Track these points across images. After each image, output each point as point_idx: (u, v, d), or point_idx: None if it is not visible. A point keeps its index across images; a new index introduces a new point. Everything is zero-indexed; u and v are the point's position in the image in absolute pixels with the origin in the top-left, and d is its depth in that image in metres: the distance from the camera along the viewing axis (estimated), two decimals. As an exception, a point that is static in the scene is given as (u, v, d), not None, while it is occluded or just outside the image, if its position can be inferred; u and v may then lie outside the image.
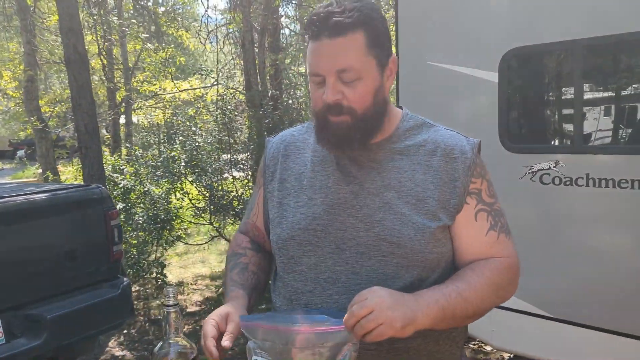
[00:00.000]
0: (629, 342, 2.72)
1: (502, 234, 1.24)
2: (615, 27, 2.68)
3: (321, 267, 1.21)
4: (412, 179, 1.20)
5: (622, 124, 2.93)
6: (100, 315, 3.52)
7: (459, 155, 1.22)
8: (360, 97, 1.16)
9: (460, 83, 3.23)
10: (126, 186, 6.15)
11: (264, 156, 1.42)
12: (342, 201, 1.22)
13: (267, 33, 8.71)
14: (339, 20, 1.12)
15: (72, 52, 5.30)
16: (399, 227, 1.17)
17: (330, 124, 1.18)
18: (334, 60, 1.13)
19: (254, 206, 1.43)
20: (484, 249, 1.22)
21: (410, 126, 1.28)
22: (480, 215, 1.22)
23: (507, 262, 1.23)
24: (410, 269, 1.17)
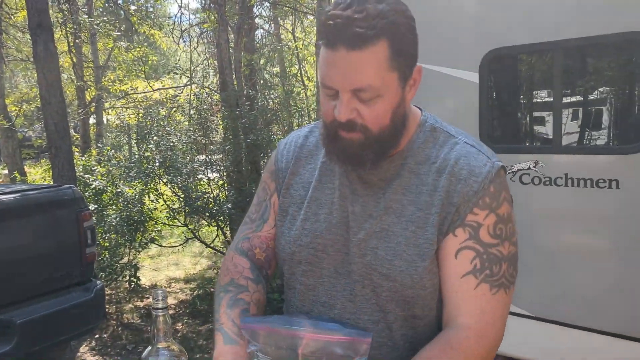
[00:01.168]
0: (607, 339, 2.76)
1: (484, 285, 1.02)
2: (594, 29, 2.71)
3: (319, 289, 1.14)
4: (416, 202, 1.06)
5: (600, 125, 2.97)
6: (73, 319, 3.42)
7: (467, 176, 1.04)
8: (378, 116, 1.01)
9: (440, 83, 3.23)
10: (98, 187, 6.01)
11: (274, 158, 1.27)
12: (343, 221, 1.11)
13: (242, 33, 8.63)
14: (361, 32, 0.95)
15: (41, 49, 5.15)
16: (390, 258, 1.05)
17: (340, 139, 1.04)
18: (351, 77, 0.97)
19: (270, 217, 1.24)
20: (454, 295, 1.04)
21: (427, 138, 1.12)
22: (463, 253, 1.03)
23: (475, 334, 1.00)
24: (401, 303, 1.07)
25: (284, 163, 1.23)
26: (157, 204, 6.56)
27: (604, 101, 2.97)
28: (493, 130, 3.20)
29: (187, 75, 9.05)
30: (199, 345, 4.62)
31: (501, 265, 1.04)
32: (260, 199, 1.27)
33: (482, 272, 1.02)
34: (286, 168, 1.22)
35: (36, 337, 3.18)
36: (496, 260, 1.03)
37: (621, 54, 2.89)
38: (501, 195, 1.06)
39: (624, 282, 2.72)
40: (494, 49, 3.03)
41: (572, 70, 3.00)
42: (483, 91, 3.08)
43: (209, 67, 12.28)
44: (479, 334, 1.01)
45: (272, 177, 1.26)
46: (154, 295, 1.01)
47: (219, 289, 1.21)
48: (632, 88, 2.94)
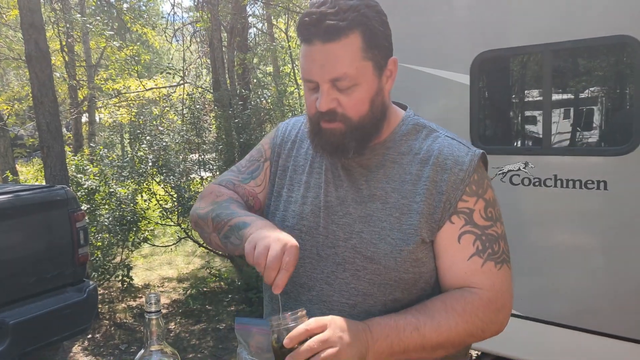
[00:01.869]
0: (594, 339, 2.79)
1: (490, 262, 1.10)
2: (584, 32, 2.74)
3: (299, 271, 1.16)
4: (400, 190, 1.12)
5: (589, 127, 3.00)
6: (65, 320, 3.42)
7: (452, 166, 1.11)
8: (356, 104, 1.08)
9: (432, 85, 3.26)
10: (90, 187, 5.99)
11: (275, 132, 1.34)
12: (329, 205, 1.16)
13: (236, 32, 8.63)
14: (333, 24, 1.03)
15: (33, 48, 5.13)
16: (375, 241, 1.10)
17: (323, 131, 1.11)
18: (328, 67, 1.05)
19: (259, 175, 1.30)
20: (463, 275, 1.10)
21: (408, 130, 1.18)
22: (465, 237, 1.10)
23: (487, 296, 1.08)
24: (382, 287, 1.10)
25: (280, 139, 1.30)
26: (150, 203, 6.55)
27: (593, 103, 3.00)
28: (483, 132, 3.23)
29: (179, 74, 9.03)
30: (192, 345, 4.62)
31: (499, 244, 1.13)
32: (254, 158, 1.33)
33: (485, 252, 1.10)
34: (281, 146, 1.29)
35: (29, 338, 3.17)
36: (494, 240, 1.12)
37: (610, 57, 2.93)
38: (484, 182, 1.14)
39: (613, 282, 2.75)
40: (484, 51, 3.05)
41: (562, 72, 3.03)
42: (474, 93, 3.11)
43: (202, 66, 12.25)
44: (490, 298, 1.09)
45: (270, 144, 1.32)
46: (146, 298, 1.03)
47: (217, 202, 1.23)
48: (621, 91, 2.97)
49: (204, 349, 4.53)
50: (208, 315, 5.27)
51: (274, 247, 0.98)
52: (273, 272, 0.97)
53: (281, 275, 0.98)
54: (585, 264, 2.84)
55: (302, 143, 1.27)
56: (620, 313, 2.73)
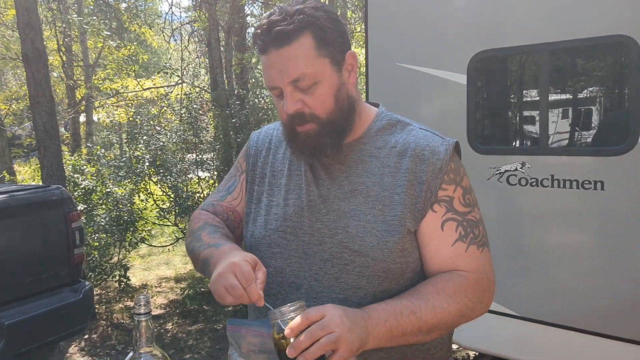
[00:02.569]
0: (591, 339, 2.79)
1: (473, 246, 1.15)
2: (582, 32, 2.74)
3: (286, 271, 1.18)
4: (380, 183, 1.15)
5: (586, 127, 3.00)
6: (61, 320, 3.41)
7: (429, 156, 1.15)
8: (321, 101, 1.12)
9: (429, 85, 3.25)
10: (87, 187, 5.98)
11: (247, 144, 1.38)
12: (312, 204, 1.18)
13: (233, 32, 8.61)
14: (281, 29, 1.07)
15: (30, 48, 5.13)
16: (361, 235, 1.12)
17: (298, 135, 1.14)
18: (285, 70, 1.09)
19: (235, 189, 1.35)
20: (449, 261, 1.14)
21: (383, 125, 1.22)
22: (448, 224, 1.14)
23: (474, 277, 1.13)
24: (371, 278, 1.12)
25: (253, 150, 1.35)
26: (147, 203, 6.54)
27: (590, 104, 2.99)
28: (481, 131, 3.22)
29: (177, 74, 9.02)
30: (189, 345, 4.61)
31: (479, 228, 1.18)
32: (231, 175, 1.40)
33: (467, 237, 1.15)
34: (255, 155, 1.34)
35: (24, 338, 3.16)
36: (474, 225, 1.17)
37: (608, 57, 2.92)
38: (460, 170, 1.18)
39: (610, 282, 2.75)
40: (481, 50, 3.05)
41: (559, 72, 3.02)
42: (471, 92, 3.10)
43: (200, 66, 12.24)
44: (477, 279, 1.14)
45: (244, 157, 1.37)
46: (136, 300, 1.02)
47: (194, 231, 1.28)
48: (618, 91, 2.97)
49: (201, 350, 4.52)
50: (205, 316, 5.26)
51: (232, 281, 1.01)
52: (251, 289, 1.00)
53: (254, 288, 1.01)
54: (582, 264, 2.83)
55: (278, 149, 1.31)
56: (617, 313, 2.72)
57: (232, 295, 1.00)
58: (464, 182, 1.18)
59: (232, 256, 1.06)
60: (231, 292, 1.00)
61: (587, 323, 2.80)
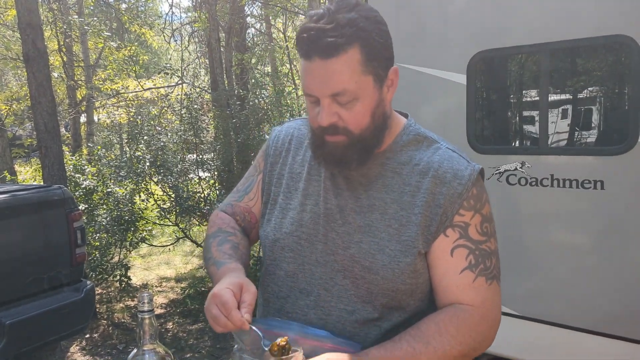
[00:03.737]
0: (590, 338, 2.79)
1: (481, 278, 1.11)
2: (582, 32, 2.75)
3: (298, 276, 1.18)
4: (399, 202, 1.12)
5: (585, 126, 3.01)
6: (62, 320, 3.42)
7: (451, 179, 1.11)
8: (357, 118, 1.08)
9: (429, 85, 3.26)
10: (88, 187, 5.99)
11: (267, 142, 1.35)
12: (328, 212, 1.16)
13: (233, 32, 8.62)
14: (332, 41, 1.02)
15: (30, 48, 5.13)
16: (374, 252, 1.10)
17: (326, 144, 1.11)
18: (328, 83, 1.04)
19: (251, 190, 1.34)
20: (455, 289, 1.11)
21: (409, 140, 1.18)
22: (458, 251, 1.10)
23: (479, 313, 1.09)
24: (380, 296, 1.11)
25: (272, 150, 1.31)
26: (148, 203, 6.55)
27: (590, 103, 3.00)
28: (480, 131, 3.23)
29: (177, 75, 9.03)
30: (190, 345, 4.62)
31: (492, 259, 1.13)
32: (250, 174, 1.37)
33: (477, 267, 1.10)
34: (274, 155, 1.30)
35: (25, 338, 3.17)
36: (487, 255, 1.12)
37: (607, 57, 2.93)
38: (483, 197, 1.14)
39: (609, 281, 2.75)
40: (481, 50, 3.06)
41: (558, 72, 3.03)
42: (470, 92, 3.11)
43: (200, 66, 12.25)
44: (482, 315, 1.10)
45: (263, 157, 1.34)
46: (139, 298, 1.03)
47: (208, 237, 1.29)
48: (617, 90, 2.98)
49: (201, 349, 4.53)
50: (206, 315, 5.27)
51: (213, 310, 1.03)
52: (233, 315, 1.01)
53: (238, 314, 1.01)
54: (582, 264, 2.84)
55: (298, 150, 1.28)
56: (617, 312, 2.73)
57: (218, 325, 1.02)
58: (485, 210, 1.14)
59: (219, 284, 1.07)
60: (216, 322, 1.02)
61: (586, 322, 2.81)
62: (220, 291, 1.03)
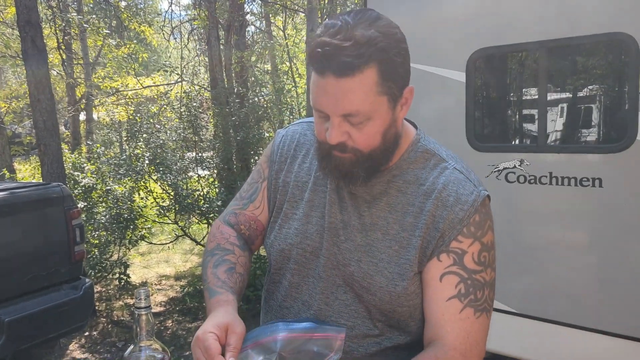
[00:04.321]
0: (590, 336, 2.80)
1: (469, 309, 1.05)
2: (580, 30, 2.75)
3: (302, 288, 1.17)
4: (401, 223, 1.09)
5: (584, 124, 3.01)
6: (62, 317, 3.42)
7: (453, 204, 1.06)
8: (368, 138, 1.03)
9: (428, 82, 3.26)
10: (87, 185, 5.99)
11: (271, 148, 1.30)
12: (333, 226, 1.14)
13: (233, 30, 8.62)
14: (349, 61, 0.95)
15: (30, 46, 5.13)
16: (372, 273, 1.08)
17: (333, 158, 1.06)
18: (340, 103, 0.99)
19: (257, 197, 1.29)
20: (440, 318, 1.06)
21: (417, 157, 1.13)
22: (447, 278, 1.05)
23: (461, 353, 1.03)
24: (379, 315, 1.11)
25: (277, 157, 1.27)
26: (147, 201, 6.55)
27: (588, 101, 3.00)
28: (479, 129, 3.23)
29: (177, 72, 9.02)
30: (189, 342, 4.63)
31: (484, 291, 1.07)
32: (253, 180, 1.32)
33: (467, 297, 1.05)
34: (279, 162, 1.26)
35: (24, 335, 3.17)
36: (480, 286, 1.06)
37: (606, 55, 2.93)
38: (486, 224, 1.09)
39: (608, 279, 2.76)
40: (480, 48, 3.06)
41: (557, 70, 3.03)
42: (470, 90, 3.11)
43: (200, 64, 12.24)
44: (464, 354, 1.04)
45: (268, 162, 1.29)
46: (136, 294, 1.03)
47: (206, 254, 1.25)
48: (616, 88, 2.98)
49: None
50: (205, 313, 5.26)
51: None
52: None
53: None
54: (580, 262, 2.84)
55: (304, 158, 1.24)
56: (615, 310, 2.73)
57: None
58: (486, 238, 1.08)
59: (204, 325, 1.03)
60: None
61: (584, 320, 2.81)
62: (204, 335, 0.99)
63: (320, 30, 1.01)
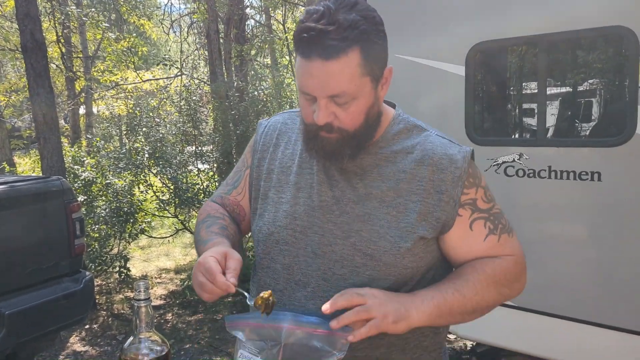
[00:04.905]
0: (589, 329, 2.81)
1: (504, 235, 1.21)
2: (580, 23, 2.74)
3: (294, 268, 1.19)
4: (395, 189, 1.15)
5: (583, 118, 3.01)
6: (62, 310, 3.43)
7: (448, 165, 1.15)
8: (353, 117, 1.10)
9: (427, 76, 3.25)
10: (87, 178, 6.00)
11: (254, 137, 1.37)
12: (323, 204, 1.18)
13: (233, 23, 8.59)
14: (334, 44, 1.02)
15: (29, 40, 5.12)
16: (375, 239, 1.13)
17: (319, 138, 1.13)
18: (326, 85, 1.06)
19: (239, 184, 1.37)
20: (485, 254, 1.20)
21: (400, 129, 1.21)
22: (476, 224, 1.18)
23: (511, 259, 1.21)
24: (381, 281, 1.14)
25: (260, 145, 1.34)
26: (147, 195, 6.55)
27: (587, 95, 3.00)
28: (479, 123, 3.23)
29: (176, 66, 9.00)
30: (189, 336, 4.65)
31: (504, 217, 1.24)
32: (238, 168, 1.41)
33: (497, 228, 1.20)
34: (262, 151, 1.32)
35: (25, 328, 3.18)
36: (499, 216, 1.22)
37: (606, 49, 2.93)
38: (477, 173, 1.21)
39: (607, 273, 2.77)
40: (480, 42, 3.05)
41: (557, 64, 3.03)
42: (469, 84, 3.11)
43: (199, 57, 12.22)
44: (517, 261, 1.24)
45: (251, 152, 1.36)
46: (135, 286, 1.03)
47: (197, 225, 1.34)
48: (615, 82, 2.98)
49: (200, 340, 4.55)
50: (205, 306, 5.29)
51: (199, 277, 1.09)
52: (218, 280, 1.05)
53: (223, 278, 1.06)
54: (579, 256, 2.85)
55: (287, 144, 1.30)
56: (613, 303, 2.75)
57: (205, 291, 1.07)
58: (483, 182, 1.22)
59: (204, 254, 1.11)
60: (202, 289, 1.07)
61: (583, 313, 2.82)
62: (204, 259, 1.07)
63: (303, 17, 1.08)
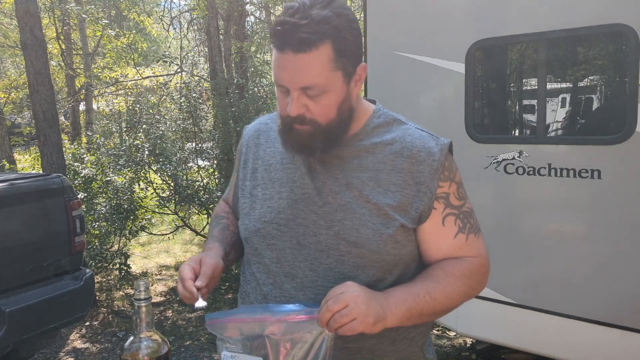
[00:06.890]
0: (588, 326, 2.82)
1: (471, 235, 1.25)
2: (580, 21, 2.74)
3: (282, 261, 1.23)
4: (375, 179, 1.20)
5: (583, 116, 3.01)
6: (62, 307, 3.43)
7: (426, 157, 1.20)
8: (324, 110, 1.15)
9: (427, 73, 3.25)
10: (87, 175, 6.00)
11: (241, 141, 1.43)
12: (305, 197, 1.22)
13: (233, 20, 8.58)
14: (305, 37, 1.07)
15: (28, 36, 5.12)
16: (357, 227, 1.17)
17: (293, 131, 1.17)
18: (298, 76, 1.11)
19: (231, 187, 1.46)
20: (453, 251, 1.23)
21: (380, 123, 1.26)
22: (448, 219, 1.22)
23: (477, 262, 1.24)
24: (366, 269, 1.18)
25: (245, 148, 1.40)
26: (147, 192, 6.55)
27: (587, 92, 3.00)
28: (478, 120, 3.23)
29: (176, 63, 8.99)
30: (189, 333, 4.66)
31: (473, 217, 1.27)
32: (233, 172, 1.48)
33: (465, 226, 1.24)
34: (246, 153, 1.38)
35: (25, 325, 3.19)
36: (469, 215, 1.26)
37: (606, 46, 2.92)
38: (453, 167, 1.25)
39: (606, 270, 2.77)
40: (480, 39, 3.05)
41: (557, 61, 3.02)
42: (469, 81, 3.10)
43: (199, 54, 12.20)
44: (480, 264, 1.25)
45: (238, 155, 1.43)
46: (135, 286, 1.04)
47: (209, 227, 1.48)
48: (615, 80, 2.98)
49: (200, 337, 4.56)
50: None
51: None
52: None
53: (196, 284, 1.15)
54: (579, 253, 2.85)
55: (268, 143, 1.34)
56: (612, 301, 2.75)
57: (180, 296, 1.16)
58: (457, 178, 1.25)
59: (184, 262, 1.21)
60: (182, 296, 1.16)
61: (583, 311, 2.83)
62: (181, 267, 1.18)
63: (281, 12, 1.14)
